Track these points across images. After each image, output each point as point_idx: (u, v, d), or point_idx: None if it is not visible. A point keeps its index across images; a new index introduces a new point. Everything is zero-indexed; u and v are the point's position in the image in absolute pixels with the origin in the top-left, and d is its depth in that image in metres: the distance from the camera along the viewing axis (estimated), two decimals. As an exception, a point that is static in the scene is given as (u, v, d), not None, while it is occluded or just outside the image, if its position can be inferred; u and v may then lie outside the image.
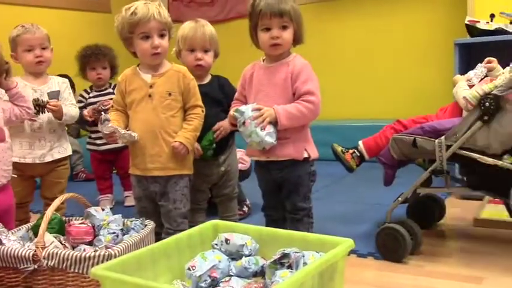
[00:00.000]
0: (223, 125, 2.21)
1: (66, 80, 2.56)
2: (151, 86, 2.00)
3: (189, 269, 1.42)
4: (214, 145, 2.20)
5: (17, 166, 2.16)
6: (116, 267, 1.30)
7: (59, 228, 1.93)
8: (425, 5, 4.40)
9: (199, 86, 2.14)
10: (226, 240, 1.53)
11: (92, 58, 3.14)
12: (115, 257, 1.60)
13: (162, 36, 1.98)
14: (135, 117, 2.02)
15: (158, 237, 2.08)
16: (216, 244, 1.56)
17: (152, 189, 2.05)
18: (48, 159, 2.41)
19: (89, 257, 1.60)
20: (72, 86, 4.14)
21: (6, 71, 1.95)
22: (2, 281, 1.72)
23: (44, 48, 2.42)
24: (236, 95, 2.10)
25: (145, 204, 2.10)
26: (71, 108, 2.45)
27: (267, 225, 2.08)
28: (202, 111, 2.06)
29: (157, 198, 2.06)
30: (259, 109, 1.89)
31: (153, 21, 1.95)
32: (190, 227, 2.26)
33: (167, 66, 2.05)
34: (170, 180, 2.02)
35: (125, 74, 2.09)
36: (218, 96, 2.25)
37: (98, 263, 1.59)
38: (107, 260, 1.59)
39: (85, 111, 2.97)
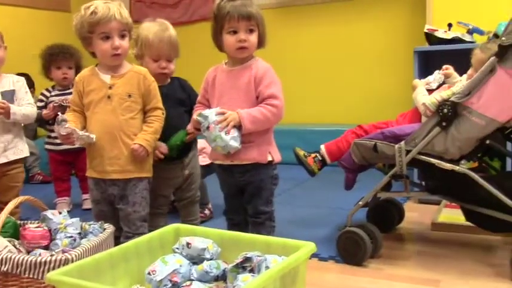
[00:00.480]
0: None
1: (22, 79, 2.48)
2: (110, 87, 1.96)
3: (149, 273, 1.40)
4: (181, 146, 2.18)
5: None
6: (73, 272, 1.27)
7: (14, 232, 1.87)
8: (386, 12, 4.49)
9: (161, 87, 2.11)
10: (188, 244, 1.51)
11: (59, 57, 3.06)
12: (72, 261, 1.56)
13: (122, 36, 1.95)
14: (93, 118, 1.97)
15: (117, 241, 2.04)
16: (177, 248, 1.53)
17: (111, 192, 2.00)
18: (2, 160, 2.33)
19: (45, 261, 1.55)
20: (32, 85, 4.07)
21: None
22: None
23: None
24: (199, 98, 2.08)
25: (104, 208, 2.05)
26: (27, 108, 2.37)
27: (228, 229, 2.06)
28: (163, 113, 2.03)
29: (116, 202, 2.02)
30: (223, 113, 1.88)
31: (114, 22, 1.91)
32: (150, 231, 2.24)
33: (127, 67, 2.01)
34: (129, 183, 1.98)
35: (82, 74, 2.03)
36: (181, 96, 2.23)
37: (54, 268, 1.54)
38: (64, 265, 1.55)
39: (45, 111, 2.89)
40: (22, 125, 2.47)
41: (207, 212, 2.88)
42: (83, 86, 1.99)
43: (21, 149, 2.42)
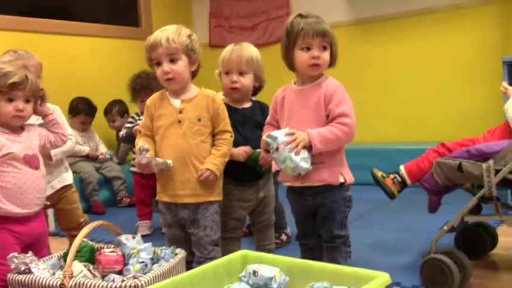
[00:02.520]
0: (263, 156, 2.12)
1: (57, 108, 2.41)
2: (180, 112, 1.97)
3: (213, 303, 1.35)
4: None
5: None
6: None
7: (90, 256, 1.90)
8: (472, 24, 4.22)
9: (241, 109, 2.12)
10: (254, 272, 1.45)
11: (141, 92, 3.16)
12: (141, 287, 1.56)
13: (172, 61, 1.96)
14: (164, 142, 1.99)
15: (189, 265, 2.03)
16: (244, 276, 1.48)
17: (182, 216, 2.00)
18: (50, 191, 2.36)
19: (115, 287, 1.56)
20: (126, 111, 4.26)
21: (41, 97, 1.96)
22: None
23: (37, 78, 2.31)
24: (268, 119, 2.04)
25: (176, 232, 2.05)
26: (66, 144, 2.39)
27: (302, 255, 1.99)
28: (231, 136, 2.02)
29: (188, 226, 2.01)
30: (292, 133, 1.82)
31: (160, 48, 1.93)
32: (224, 255, 2.20)
33: (196, 91, 2.02)
34: (200, 207, 1.97)
35: (153, 98, 2.06)
36: (259, 120, 2.19)
37: (125, 294, 1.55)
38: (134, 291, 1.55)
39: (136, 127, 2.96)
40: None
41: (283, 237, 2.81)
42: (154, 110, 2.02)
43: (65, 177, 2.47)
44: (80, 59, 4.31)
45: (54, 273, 1.74)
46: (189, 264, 2.04)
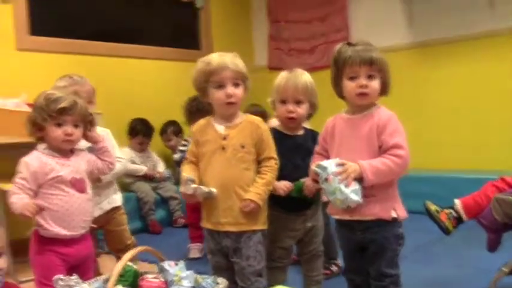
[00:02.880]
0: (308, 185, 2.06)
1: (107, 131, 2.52)
2: (224, 138, 1.96)
3: None
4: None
5: None
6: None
7: (133, 281, 1.90)
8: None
9: (294, 137, 2.10)
10: (291, 310, 1.39)
11: (196, 115, 3.18)
12: (179, 318, 1.54)
13: (236, 85, 1.95)
14: (208, 169, 1.98)
15: (233, 294, 2.01)
16: (280, 314, 1.42)
17: (224, 244, 1.98)
18: (98, 213, 2.40)
19: (153, 317, 1.55)
20: (180, 131, 4.34)
21: (90, 122, 2.01)
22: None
23: (89, 102, 2.33)
24: (317, 148, 1.99)
25: (219, 259, 2.03)
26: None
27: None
28: (276, 163, 1.98)
29: (230, 255, 1.98)
30: (342, 164, 1.76)
31: (227, 71, 1.93)
32: (271, 285, 2.15)
33: (241, 118, 2.01)
34: (243, 236, 1.94)
35: (198, 124, 2.07)
36: (311, 148, 2.13)
37: (161, 324, 1.53)
38: (171, 321, 1.53)
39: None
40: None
41: (334, 268, 2.71)
42: (199, 136, 2.02)
43: (114, 199, 2.51)
44: (139, 81, 4.43)
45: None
46: None
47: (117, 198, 2.55)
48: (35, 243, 1.92)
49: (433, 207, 2.15)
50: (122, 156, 2.55)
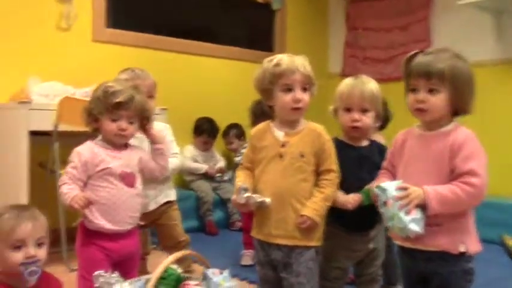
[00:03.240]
0: None
1: (167, 126, 2.46)
2: (283, 145, 1.83)
3: None
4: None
5: None
6: None
7: (175, 285, 1.82)
8: None
9: (358, 148, 1.95)
10: None
11: (261, 118, 3.08)
12: (216, 332, 1.43)
13: (304, 90, 1.83)
14: (263, 177, 1.86)
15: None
16: None
17: (274, 256, 1.85)
18: (153, 206, 2.38)
19: (189, 327, 1.45)
20: (242, 134, 4.26)
21: (147, 118, 1.96)
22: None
23: (149, 97, 2.27)
24: (385, 163, 1.82)
25: (268, 272, 1.90)
26: (172, 161, 2.33)
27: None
28: (337, 177, 1.83)
29: (280, 269, 1.85)
30: (405, 188, 1.58)
31: (298, 73, 1.81)
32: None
33: (303, 124, 1.87)
34: (294, 251, 1.81)
35: (257, 128, 1.95)
36: (378, 161, 1.97)
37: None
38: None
39: None
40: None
41: None
42: (257, 142, 1.91)
43: (169, 193, 2.45)
44: (208, 80, 4.38)
45: (139, 296, 1.69)
46: None
47: (171, 193, 2.49)
48: (81, 234, 1.89)
49: (510, 242, 1.92)
50: (178, 152, 2.47)
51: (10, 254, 1.45)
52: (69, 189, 1.80)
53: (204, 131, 4.18)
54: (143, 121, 1.94)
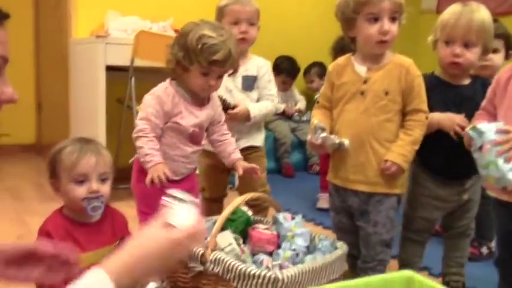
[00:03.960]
0: None
1: (267, 63, 2.23)
2: (365, 82, 1.63)
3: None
4: None
5: (209, 155, 2.02)
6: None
7: (244, 228, 1.73)
8: None
9: (458, 87, 1.71)
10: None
11: (340, 55, 2.83)
12: (282, 282, 1.33)
13: (393, 20, 1.59)
14: (341, 117, 1.68)
15: (355, 261, 1.75)
16: (403, 307, 1.12)
17: (350, 203, 1.70)
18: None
19: (253, 275, 1.36)
20: (324, 73, 4.02)
21: (233, 73, 1.83)
22: (175, 273, 1.60)
23: (251, 24, 2.10)
24: (484, 103, 1.58)
25: (343, 219, 1.76)
26: (267, 106, 2.15)
27: (501, 286, 1.53)
28: (426, 118, 1.60)
29: (356, 217, 1.70)
30: (507, 131, 1.35)
31: (387, 1, 1.57)
32: (401, 259, 1.84)
33: (388, 58, 1.64)
34: (373, 198, 1.64)
35: (336, 63, 1.75)
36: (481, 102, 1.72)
37: (262, 285, 1.34)
38: (273, 285, 1.33)
39: None
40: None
41: (484, 250, 2.25)
42: (335, 78, 1.71)
43: (254, 138, 2.21)
44: (291, 15, 4.12)
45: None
46: (355, 259, 1.76)
47: (257, 138, 2.26)
48: (136, 172, 1.80)
49: None
50: (275, 94, 2.23)
51: (73, 187, 1.40)
52: (151, 150, 1.65)
53: (283, 70, 3.99)
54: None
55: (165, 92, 1.71)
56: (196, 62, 1.64)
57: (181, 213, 0.92)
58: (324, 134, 1.63)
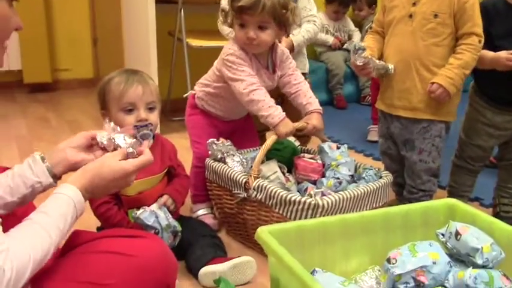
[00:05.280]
0: None
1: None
2: (414, 4, 1.54)
3: (388, 260, 1.04)
4: None
5: None
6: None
7: (290, 157, 1.75)
8: None
9: None
10: (457, 234, 1.07)
11: None
12: (322, 208, 1.35)
13: None
14: (390, 41, 1.62)
15: (401, 189, 1.74)
16: (442, 234, 1.11)
17: (393, 130, 1.66)
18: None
19: (294, 201, 1.38)
20: (374, 1, 3.85)
21: (284, 24, 1.59)
22: (221, 199, 1.66)
23: None
24: None
25: (391, 146, 1.74)
26: (306, 28, 2.05)
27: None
28: (480, 41, 1.50)
29: (400, 146, 1.67)
30: None
31: None
32: (452, 187, 1.81)
33: None
34: (418, 125, 1.60)
35: None
36: None
37: (303, 210, 1.36)
38: (313, 210, 1.35)
39: None
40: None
41: None
42: (387, 1, 1.64)
43: (299, 62, 2.07)
44: None
45: (250, 168, 1.64)
46: (402, 188, 1.75)
47: (302, 65, 2.18)
48: (190, 107, 1.82)
49: None
50: (316, 15, 2.13)
51: (123, 116, 1.45)
52: (272, 103, 1.57)
53: (335, -1, 3.84)
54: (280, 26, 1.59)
55: (240, 51, 1.61)
56: (231, 13, 1.56)
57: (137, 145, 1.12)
58: (365, 54, 1.57)
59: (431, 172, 1.64)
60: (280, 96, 2.20)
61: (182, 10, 2.87)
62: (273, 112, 1.53)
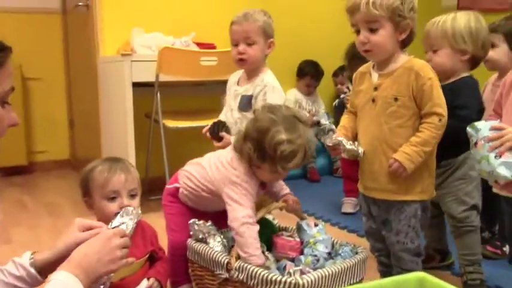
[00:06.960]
0: None
1: (267, 82, 2.08)
2: (375, 88, 1.63)
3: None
4: None
5: None
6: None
7: (269, 235, 1.80)
8: None
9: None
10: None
11: (351, 62, 2.82)
12: (303, 287, 1.39)
13: (372, 31, 1.57)
14: (359, 124, 1.71)
15: (389, 269, 1.77)
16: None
17: (372, 211, 1.72)
18: None
19: (275, 280, 1.43)
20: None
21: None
22: (202, 280, 1.69)
23: (249, 44, 2.02)
24: (494, 105, 1.62)
25: (373, 225, 1.76)
26: None
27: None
28: (440, 120, 1.55)
29: (380, 226, 1.71)
30: (500, 129, 1.40)
31: (358, 14, 1.57)
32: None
33: (399, 63, 1.61)
34: (393, 207, 1.64)
35: (359, 71, 1.75)
36: None
37: (283, 290, 1.41)
38: (293, 289, 1.39)
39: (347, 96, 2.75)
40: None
41: (507, 249, 2.25)
42: (356, 85, 1.75)
43: None
44: (313, 19, 4.08)
45: (230, 247, 1.69)
46: (389, 268, 1.76)
47: None
48: (171, 195, 1.82)
49: None
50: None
51: (106, 204, 1.51)
52: (259, 247, 1.62)
53: (307, 73, 4.02)
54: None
55: (249, 176, 1.66)
56: (269, 163, 1.59)
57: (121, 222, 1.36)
58: (338, 138, 1.65)
59: (412, 252, 1.66)
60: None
61: (158, 93, 2.99)
62: (259, 254, 1.59)
